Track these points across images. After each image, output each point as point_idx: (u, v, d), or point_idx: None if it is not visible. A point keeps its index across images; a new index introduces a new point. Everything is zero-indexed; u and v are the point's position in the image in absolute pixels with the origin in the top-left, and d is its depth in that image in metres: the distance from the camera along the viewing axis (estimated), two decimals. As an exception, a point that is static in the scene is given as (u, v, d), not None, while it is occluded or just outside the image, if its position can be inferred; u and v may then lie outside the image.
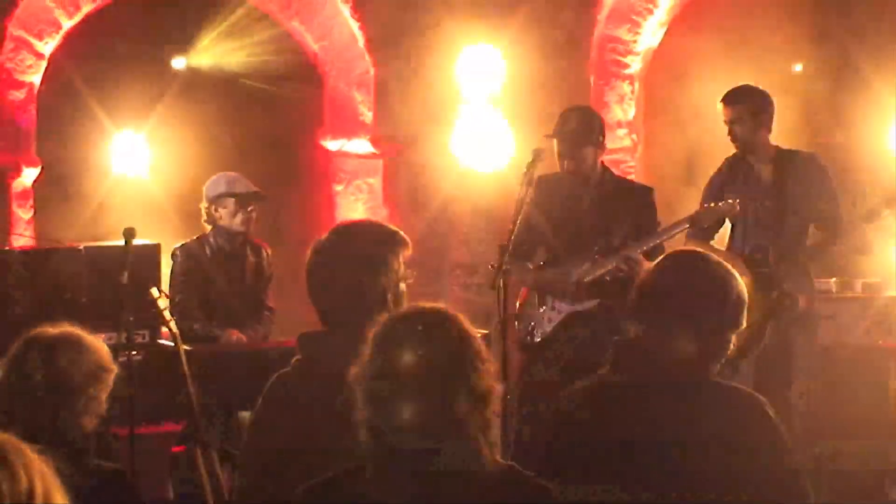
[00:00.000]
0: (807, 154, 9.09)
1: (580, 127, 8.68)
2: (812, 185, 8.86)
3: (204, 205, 9.05)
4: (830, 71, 11.92)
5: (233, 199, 8.96)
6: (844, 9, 11.79)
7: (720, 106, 8.91)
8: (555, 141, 8.71)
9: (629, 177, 9.96)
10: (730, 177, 9.02)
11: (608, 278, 8.38)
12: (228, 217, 8.97)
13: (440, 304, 3.97)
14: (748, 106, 8.85)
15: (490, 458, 3.79)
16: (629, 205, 8.59)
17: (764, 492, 4.55)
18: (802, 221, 8.79)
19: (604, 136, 8.86)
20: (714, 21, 11.69)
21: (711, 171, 9.25)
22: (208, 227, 9.10)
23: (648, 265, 8.10)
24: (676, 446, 4.54)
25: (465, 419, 3.76)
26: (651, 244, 8.31)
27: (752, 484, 4.60)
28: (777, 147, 8.93)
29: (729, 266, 4.97)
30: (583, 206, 8.65)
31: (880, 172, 10.54)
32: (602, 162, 8.88)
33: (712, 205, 8.48)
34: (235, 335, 8.83)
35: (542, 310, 8.70)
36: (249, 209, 9.01)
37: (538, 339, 8.64)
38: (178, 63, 11.87)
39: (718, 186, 9.01)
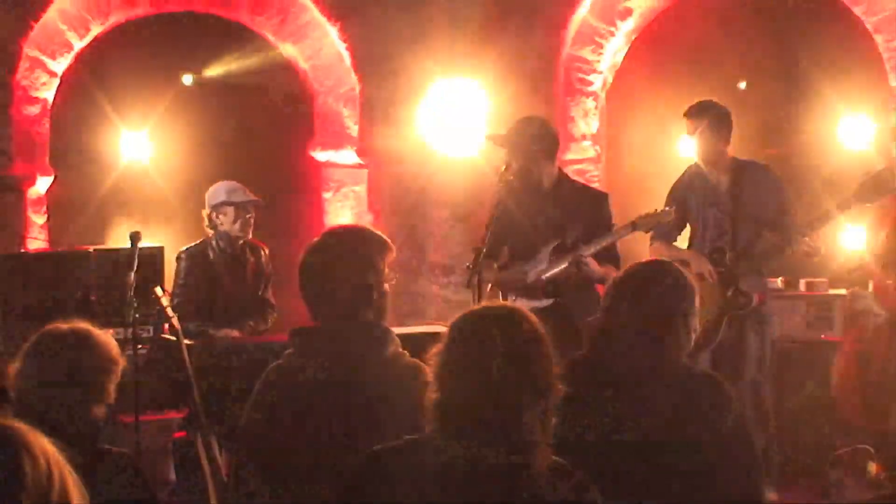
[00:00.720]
0: (761, 165, 9.12)
1: (519, 131, 8.58)
2: (765, 193, 8.89)
3: (206, 211, 9.08)
4: (779, 87, 11.93)
5: (232, 207, 9.01)
6: (792, 29, 11.80)
7: (684, 120, 8.94)
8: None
9: (593, 184, 9.92)
10: (690, 184, 9.04)
11: (563, 278, 8.39)
12: (228, 223, 9.01)
13: (514, 305, 4.06)
14: (709, 120, 8.86)
15: (543, 453, 3.81)
16: (584, 208, 8.56)
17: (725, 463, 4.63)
18: (756, 226, 8.81)
19: (550, 144, 8.66)
20: (672, 42, 11.70)
21: (669, 180, 9.27)
22: (210, 232, 9.10)
23: (597, 267, 8.19)
24: (658, 420, 4.67)
25: (525, 411, 3.79)
26: (599, 246, 8.29)
27: (715, 456, 4.69)
28: (734, 158, 8.94)
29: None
30: (539, 208, 8.62)
31: (828, 179, 10.55)
32: (559, 167, 8.83)
33: (651, 212, 8.47)
34: (228, 332, 8.83)
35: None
36: (248, 216, 9.04)
37: None
38: (186, 79, 11.85)
39: (681, 193, 9.04)
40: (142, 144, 11.09)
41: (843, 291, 9.88)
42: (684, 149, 9.42)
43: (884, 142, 10.76)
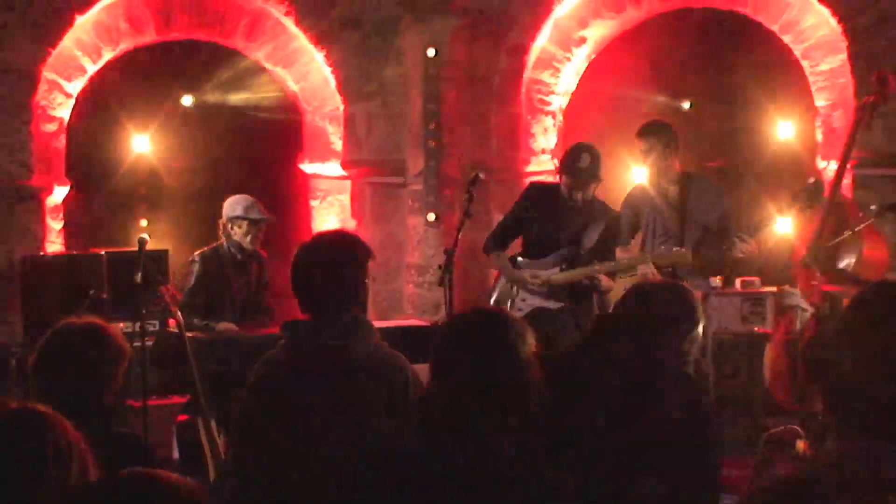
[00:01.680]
0: (705, 176, 9.17)
1: (591, 167, 8.54)
2: (709, 201, 8.93)
3: (222, 220, 9.08)
4: (720, 106, 11.96)
5: (246, 222, 9.01)
6: (732, 55, 11.83)
7: (636, 138, 8.98)
8: (562, 174, 8.61)
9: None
10: (642, 194, 9.10)
11: (571, 285, 8.46)
12: (241, 235, 9.02)
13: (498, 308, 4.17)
14: (660, 137, 8.90)
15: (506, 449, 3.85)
16: (600, 224, 8.60)
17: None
18: (700, 231, 8.84)
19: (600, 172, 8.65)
20: (623, 66, 11.72)
21: (620, 187, 9.32)
22: (223, 238, 9.12)
23: (607, 282, 8.29)
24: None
25: (499, 406, 3.84)
26: (610, 270, 8.45)
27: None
28: (682, 170, 8.97)
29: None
30: (563, 215, 8.65)
31: (763, 187, 10.59)
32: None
33: (669, 252, 8.53)
34: (227, 326, 8.84)
35: (513, 297, 8.69)
36: (258, 231, 9.06)
37: None
38: (186, 100, 11.82)
39: (633, 201, 9.12)
40: (149, 157, 11.06)
41: (773, 289, 9.92)
42: (633, 162, 9.43)
43: (810, 155, 10.81)
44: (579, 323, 8.35)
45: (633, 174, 9.48)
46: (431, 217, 10.66)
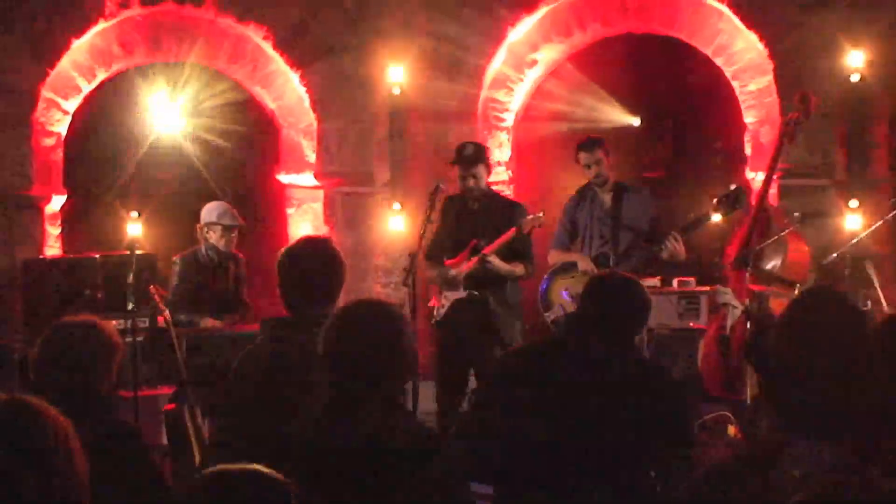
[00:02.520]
0: (637, 186, 9.19)
1: (474, 152, 8.80)
2: (640, 208, 8.98)
3: (200, 225, 9.10)
4: (662, 123, 12.00)
5: (220, 227, 9.03)
6: (671, 76, 11.86)
7: (580, 152, 9.02)
8: (458, 167, 8.83)
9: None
10: (580, 202, 9.11)
11: (479, 274, 8.56)
12: (216, 239, 9.05)
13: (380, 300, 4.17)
14: (601, 151, 8.95)
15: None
16: (505, 216, 8.67)
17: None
18: (632, 235, 8.87)
19: (488, 162, 9.00)
20: (570, 86, 11.74)
21: (564, 197, 9.34)
22: (201, 241, 9.13)
23: (500, 263, 8.30)
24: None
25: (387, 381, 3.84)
26: (497, 246, 8.56)
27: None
28: (615, 181, 9.00)
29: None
30: (470, 216, 8.73)
31: (699, 195, 10.62)
32: (488, 183, 9.03)
33: (531, 216, 8.65)
34: (211, 322, 8.83)
35: (441, 300, 8.80)
36: (232, 235, 9.08)
37: (439, 320, 8.75)
38: (173, 117, 11.72)
39: (572, 208, 9.13)
40: (139, 169, 11.00)
41: (707, 288, 9.94)
42: (577, 172, 9.43)
43: (740, 167, 10.85)
44: (488, 306, 8.61)
45: (577, 184, 9.50)
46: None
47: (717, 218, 8.76)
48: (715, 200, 8.64)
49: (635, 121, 11.97)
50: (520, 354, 5.53)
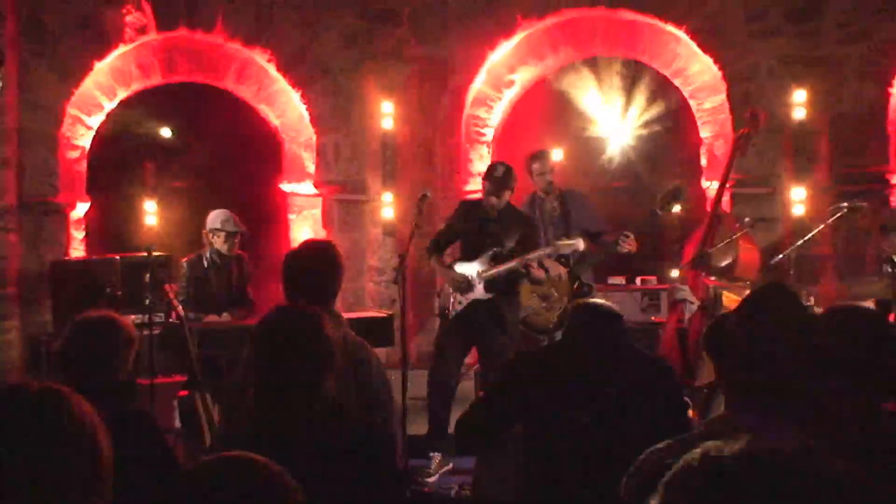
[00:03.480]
0: (577, 191, 9.23)
1: (505, 176, 8.65)
2: (586, 212, 9.01)
3: (205, 231, 9.10)
4: (622, 135, 11.98)
5: (224, 233, 9.01)
6: (623, 96, 11.85)
7: (534, 162, 9.05)
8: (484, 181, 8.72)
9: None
10: (531, 209, 9.12)
11: (498, 278, 8.48)
12: (220, 243, 9.03)
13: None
14: (545, 162, 9.00)
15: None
16: (518, 226, 8.64)
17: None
18: (580, 234, 8.87)
19: (514, 182, 8.78)
20: (542, 103, 11.73)
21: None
22: (206, 245, 9.13)
23: (539, 272, 8.27)
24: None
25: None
26: (537, 256, 8.38)
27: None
28: (559, 188, 9.04)
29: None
30: (488, 223, 8.69)
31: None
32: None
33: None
34: (214, 318, 8.84)
35: (456, 299, 8.71)
36: (234, 240, 9.06)
37: (452, 315, 8.66)
38: (187, 132, 11.71)
39: (529, 212, 9.15)
40: (156, 179, 10.97)
41: (666, 286, 9.95)
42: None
43: (696, 177, 10.85)
44: (502, 312, 8.41)
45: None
46: None
47: (660, 212, 8.80)
48: (659, 197, 8.70)
49: (596, 134, 11.96)
50: (534, 356, 5.55)
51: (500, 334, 8.37)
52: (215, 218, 9.12)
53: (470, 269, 8.53)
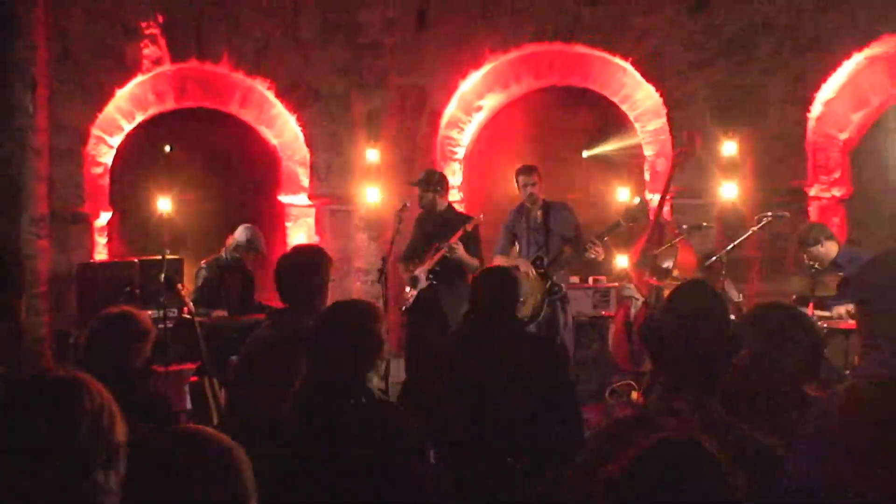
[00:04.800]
0: (560, 203, 9.19)
1: (428, 179, 8.94)
2: (565, 221, 8.98)
3: (231, 240, 9.22)
4: (577, 154, 12.00)
5: (252, 253, 9.22)
6: (587, 118, 11.88)
7: (517, 175, 9.05)
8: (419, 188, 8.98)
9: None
10: (518, 216, 9.11)
11: (440, 268, 8.63)
12: (242, 254, 9.06)
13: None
14: (537, 175, 8.97)
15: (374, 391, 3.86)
16: (458, 226, 8.68)
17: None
18: (559, 242, 8.87)
19: (444, 186, 9.03)
20: (505, 128, 11.75)
21: (502, 210, 9.37)
22: (225, 249, 9.19)
23: (463, 252, 8.27)
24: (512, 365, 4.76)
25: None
26: (458, 234, 8.60)
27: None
28: (544, 199, 9.02)
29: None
30: (432, 227, 8.76)
31: (610, 212, 10.66)
32: (448, 202, 9.11)
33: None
34: (221, 314, 8.84)
35: (409, 293, 8.82)
36: (252, 255, 9.21)
37: (407, 308, 8.78)
38: (195, 150, 11.66)
39: (511, 222, 9.12)
40: (170, 192, 10.93)
41: (615, 284, 9.98)
42: (511, 191, 9.41)
43: (640, 190, 10.89)
44: (440, 297, 8.67)
45: (511, 201, 9.50)
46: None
47: (622, 226, 8.81)
48: (625, 211, 8.69)
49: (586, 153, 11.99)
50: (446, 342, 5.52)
51: (440, 326, 8.42)
52: (244, 232, 9.20)
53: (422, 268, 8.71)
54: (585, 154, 10.82)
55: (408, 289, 8.89)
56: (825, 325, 7.53)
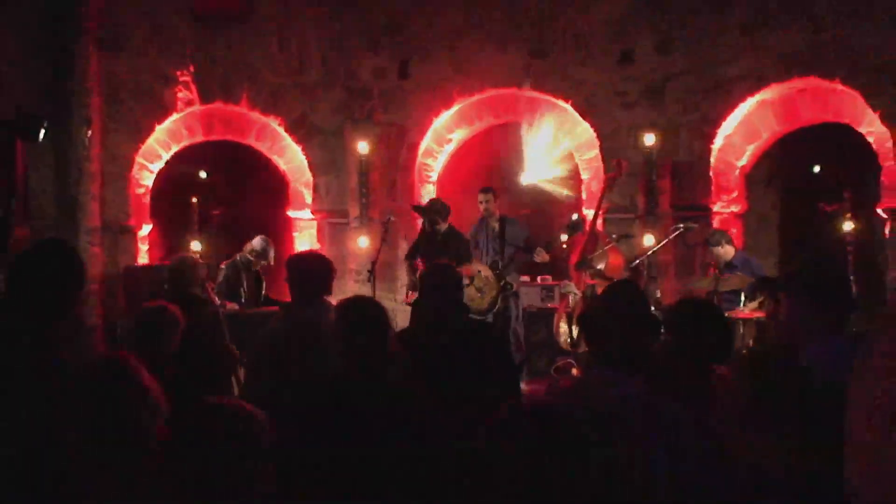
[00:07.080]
0: (512, 217, 9.26)
1: (440, 209, 8.82)
2: (517, 231, 9.02)
3: (249, 247, 9.01)
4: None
5: (264, 262, 9.02)
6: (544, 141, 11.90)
7: (479, 194, 9.07)
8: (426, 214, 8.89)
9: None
10: (479, 229, 9.13)
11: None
12: (257, 261, 8.98)
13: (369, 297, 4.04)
14: (494, 195, 9.00)
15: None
16: (456, 242, 8.64)
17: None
18: (513, 249, 8.89)
19: (448, 213, 8.84)
20: (474, 155, 11.74)
21: (467, 222, 9.37)
22: (241, 253, 9.10)
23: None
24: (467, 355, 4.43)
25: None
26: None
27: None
28: (501, 214, 9.05)
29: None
30: (433, 240, 8.77)
31: (555, 224, 10.65)
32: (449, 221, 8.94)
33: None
34: (232, 305, 8.75)
35: (408, 294, 8.78)
36: (264, 264, 9.04)
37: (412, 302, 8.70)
38: (220, 176, 11.62)
39: (474, 233, 9.14)
40: (199, 208, 10.85)
41: (558, 282, 9.99)
42: (475, 208, 9.42)
43: (578, 206, 10.89)
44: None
45: (474, 216, 9.50)
46: None
47: (564, 237, 8.84)
48: (565, 226, 8.74)
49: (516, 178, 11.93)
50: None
51: None
52: (259, 242, 9.03)
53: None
54: (523, 182, 10.68)
55: (408, 294, 8.88)
56: (729, 315, 7.58)
